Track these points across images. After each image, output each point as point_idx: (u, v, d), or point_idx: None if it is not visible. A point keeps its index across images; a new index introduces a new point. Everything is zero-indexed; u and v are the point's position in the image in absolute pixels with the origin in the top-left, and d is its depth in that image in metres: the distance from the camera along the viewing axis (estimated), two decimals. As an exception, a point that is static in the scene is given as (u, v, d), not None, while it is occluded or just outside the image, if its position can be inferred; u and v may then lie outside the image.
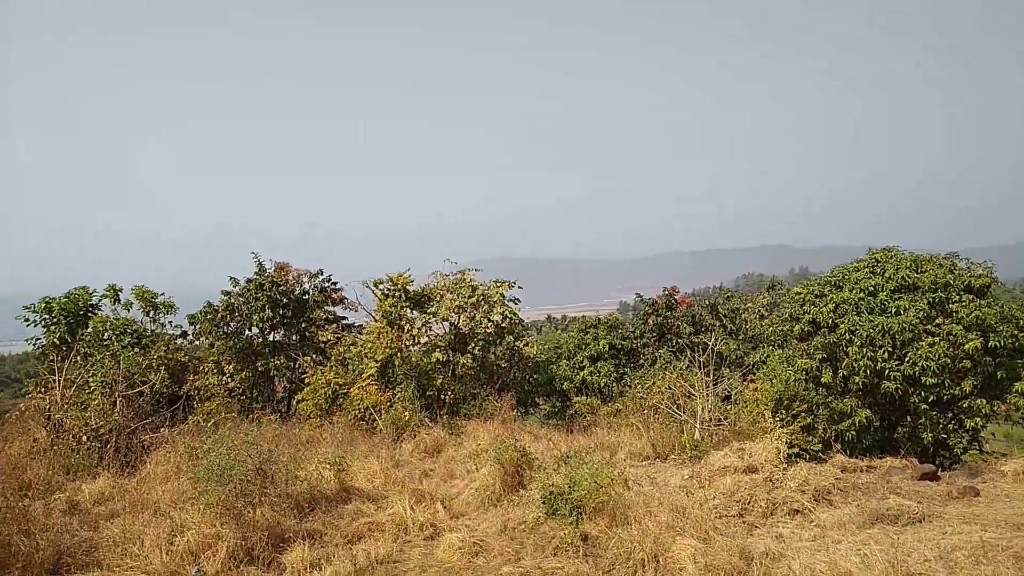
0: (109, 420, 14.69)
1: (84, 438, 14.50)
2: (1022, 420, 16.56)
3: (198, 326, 23.35)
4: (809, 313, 17.93)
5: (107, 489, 12.96)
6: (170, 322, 23.61)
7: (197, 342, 24.21)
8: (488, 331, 23.21)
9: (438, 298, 23.36)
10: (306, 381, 22.27)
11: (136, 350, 19.81)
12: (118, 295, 22.61)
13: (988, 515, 11.02)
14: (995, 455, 17.08)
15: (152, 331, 22.42)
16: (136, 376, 16.96)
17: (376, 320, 23.36)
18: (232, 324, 23.37)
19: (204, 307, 23.36)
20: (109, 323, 20.94)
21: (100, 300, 21.93)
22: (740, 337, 23.79)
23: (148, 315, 22.79)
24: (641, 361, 24.14)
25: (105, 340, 20.16)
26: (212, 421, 15.58)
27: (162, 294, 23.35)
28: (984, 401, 15.71)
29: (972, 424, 15.96)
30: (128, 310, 22.28)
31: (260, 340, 24.03)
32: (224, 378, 22.54)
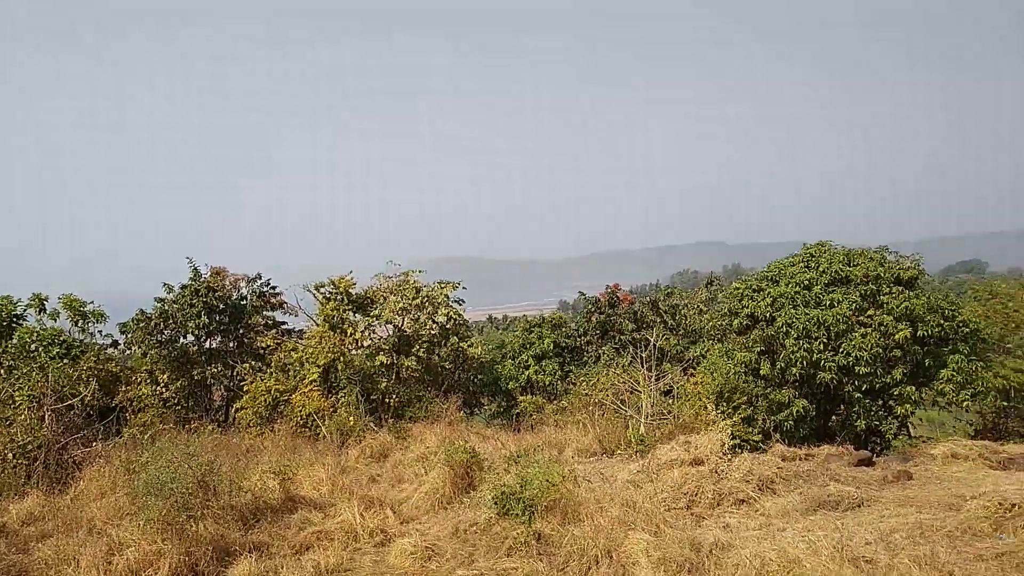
0: (37, 436, 14.03)
1: (10, 455, 13.81)
2: (947, 406, 17.26)
3: (130, 335, 22.47)
4: (748, 307, 18.38)
5: (37, 508, 12.37)
6: (100, 331, 22.66)
7: (129, 351, 23.32)
8: (433, 332, 23.03)
9: (381, 300, 23.04)
10: (245, 389, 21.70)
11: (65, 361, 18.94)
12: (43, 304, 21.60)
13: (922, 497, 11.45)
14: (921, 439, 17.81)
15: (81, 341, 21.49)
16: (66, 389, 16.23)
17: (317, 324, 22.93)
18: (166, 332, 22.56)
19: (136, 314, 22.50)
20: (36, 334, 19.99)
21: (25, 310, 20.93)
22: (680, 332, 24.22)
23: (76, 324, 21.83)
24: (585, 359, 24.34)
25: (32, 351, 19.23)
26: (149, 433, 15.02)
27: (91, 302, 22.39)
28: (913, 388, 16.35)
29: (902, 411, 16.61)
30: (55, 320, 21.29)
31: (196, 348, 23.29)
32: (158, 388, 21.75)
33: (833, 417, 17.99)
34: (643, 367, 17.93)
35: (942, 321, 16.61)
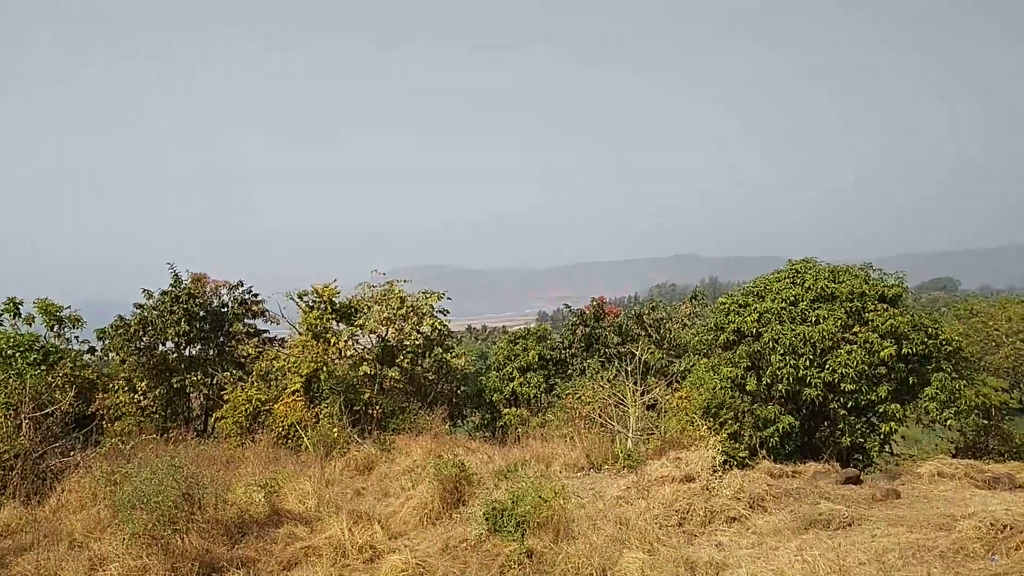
0: (14, 444, 13.62)
1: (-14, 464, 13.40)
2: (931, 424, 17.40)
3: (108, 341, 22.06)
4: (734, 323, 18.45)
5: (14, 520, 11.98)
6: (76, 337, 22.21)
7: (106, 358, 22.87)
8: (417, 343, 22.84)
9: (365, 310, 22.82)
10: (225, 398, 21.35)
11: (42, 368, 18.49)
12: (18, 309, 21.11)
13: (911, 516, 11.48)
14: (902, 456, 17.91)
15: (57, 347, 21.01)
16: (43, 396, 15.80)
17: (300, 333, 22.65)
18: (145, 339, 22.18)
19: (115, 321, 22.10)
20: (12, 339, 19.49)
21: (0, 315, 20.43)
22: (665, 346, 24.26)
23: (52, 330, 21.36)
24: (570, 371, 24.29)
25: (8, 357, 18.74)
26: (131, 444, 14.66)
27: (67, 307, 21.93)
28: (898, 406, 16.47)
29: (887, 428, 16.73)
30: (30, 325, 20.81)
31: (175, 355, 22.93)
32: (136, 396, 21.35)
33: (818, 433, 18.08)
34: (629, 381, 17.89)
35: (926, 339, 16.78)
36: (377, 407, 21.07)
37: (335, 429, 18.60)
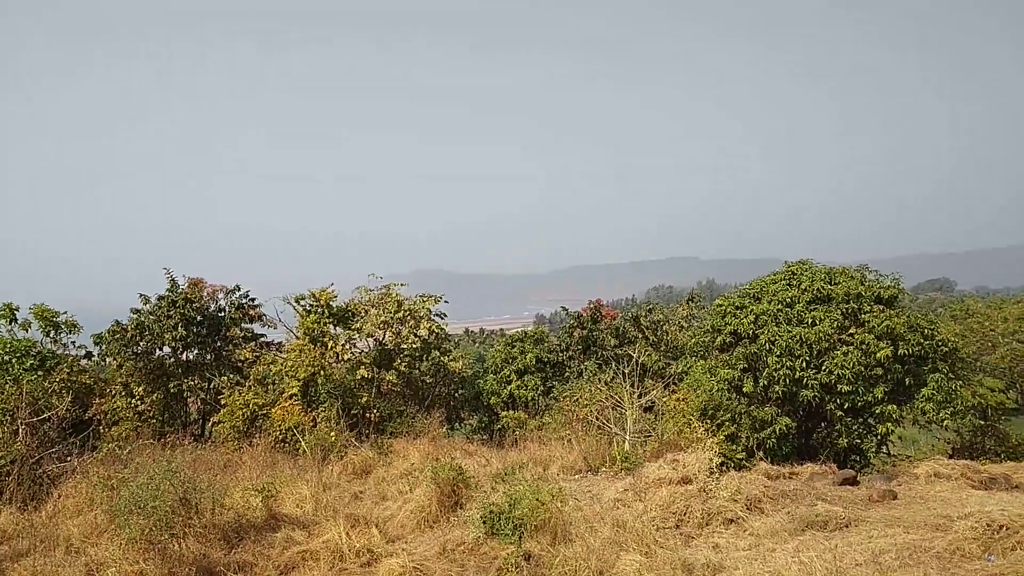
0: (11, 450, 13.61)
1: (-18, 471, 13.39)
2: (927, 424, 17.44)
3: (105, 346, 22.02)
4: (730, 325, 18.50)
5: (10, 526, 11.96)
6: (73, 342, 22.20)
7: (103, 363, 22.85)
8: (414, 347, 22.85)
9: (363, 314, 22.83)
10: (223, 402, 21.31)
11: (39, 373, 18.49)
12: (14, 314, 21.09)
13: (907, 517, 11.53)
14: (899, 457, 17.95)
15: (53, 352, 21.00)
16: (40, 402, 15.79)
17: (297, 337, 22.63)
18: (142, 344, 22.13)
19: (112, 326, 22.05)
20: (8, 345, 19.48)
21: (-3, 321, 20.45)
22: (662, 348, 24.26)
23: (48, 335, 21.36)
24: (567, 374, 24.29)
25: (4, 363, 18.74)
26: (128, 449, 14.65)
27: (64, 312, 21.92)
28: (895, 407, 16.51)
29: (883, 429, 16.76)
30: (27, 330, 20.80)
31: (172, 360, 22.88)
32: (134, 401, 21.30)
33: (815, 435, 18.12)
34: (626, 383, 17.91)
35: (922, 340, 16.82)
36: (375, 411, 21.05)
37: (332, 433, 18.58)
